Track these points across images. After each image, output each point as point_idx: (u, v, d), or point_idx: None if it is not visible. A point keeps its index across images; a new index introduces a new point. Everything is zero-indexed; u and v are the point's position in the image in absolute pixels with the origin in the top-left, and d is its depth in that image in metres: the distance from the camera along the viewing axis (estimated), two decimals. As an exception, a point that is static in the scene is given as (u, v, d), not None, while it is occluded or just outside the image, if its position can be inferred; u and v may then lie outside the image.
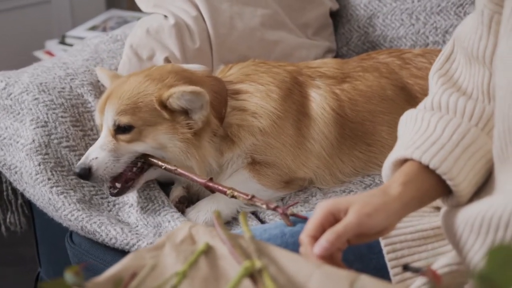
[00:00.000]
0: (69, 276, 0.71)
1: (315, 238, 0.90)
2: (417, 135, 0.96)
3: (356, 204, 0.90)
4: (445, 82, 1.01)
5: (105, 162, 1.40)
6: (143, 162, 1.44)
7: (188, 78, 1.46)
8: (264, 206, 1.27)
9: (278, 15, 1.80)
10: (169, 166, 1.41)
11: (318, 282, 0.75)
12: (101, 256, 1.39)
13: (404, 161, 0.95)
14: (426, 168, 0.92)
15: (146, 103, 1.41)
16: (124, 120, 1.41)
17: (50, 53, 2.70)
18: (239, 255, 0.79)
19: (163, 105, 1.41)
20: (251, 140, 1.46)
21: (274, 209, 1.21)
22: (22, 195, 1.69)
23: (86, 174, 1.39)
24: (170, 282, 0.75)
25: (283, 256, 0.80)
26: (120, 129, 1.41)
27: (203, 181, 1.38)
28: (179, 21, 1.66)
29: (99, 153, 1.40)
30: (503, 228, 0.84)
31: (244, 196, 1.32)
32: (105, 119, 1.43)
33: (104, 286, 0.73)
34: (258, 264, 0.75)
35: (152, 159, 1.43)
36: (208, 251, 0.82)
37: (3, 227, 1.75)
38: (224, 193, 1.37)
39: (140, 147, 1.42)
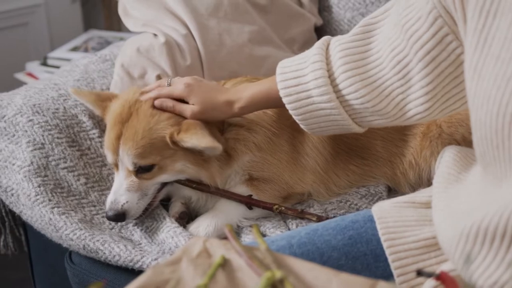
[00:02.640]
0: (94, 292, 0.71)
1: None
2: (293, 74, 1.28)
3: (199, 107, 1.40)
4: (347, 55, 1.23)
5: (136, 203, 1.43)
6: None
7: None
8: (314, 219, 1.41)
9: (265, 31, 1.83)
10: (200, 186, 1.47)
11: (338, 289, 0.77)
12: (102, 275, 1.38)
13: None
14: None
15: (160, 139, 1.41)
16: (145, 162, 1.41)
17: (31, 75, 2.69)
18: (257, 266, 0.80)
19: (175, 142, 1.41)
20: (249, 156, 1.48)
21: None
22: (13, 217, 1.69)
23: (121, 218, 1.42)
24: (193, 295, 0.76)
25: (300, 265, 0.81)
26: (141, 169, 1.42)
27: (243, 198, 1.46)
28: (170, 40, 1.67)
29: (129, 197, 1.42)
30: (500, 237, 0.86)
31: (292, 212, 1.44)
32: (122, 160, 1.42)
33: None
34: (278, 274, 0.76)
35: (181, 180, 1.47)
36: (224, 264, 0.83)
37: (-6, 252, 1.74)
38: (270, 209, 1.45)
39: (162, 179, 1.45)
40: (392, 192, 1.57)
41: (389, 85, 1.17)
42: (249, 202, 1.47)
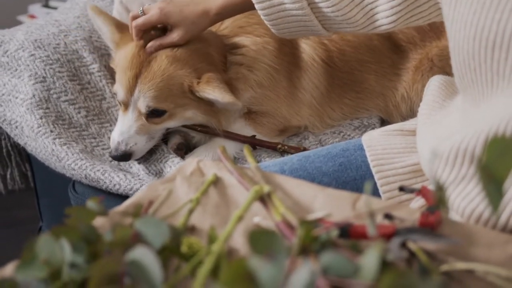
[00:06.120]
0: (92, 204, 0.76)
1: (141, 30, 1.44)
2: None
3: (182, 28, 1.42)
4: None
5: (143, 145, 1.47)
6: None
7: (206, 53, 1.48)
8: None
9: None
10: (205, 129, 1.51)
11: (323, 202, 0.81)
12: (105, 203, 1.41)
13: None
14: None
15: (178, 87, 1.43)
16: (159, 106, 1.44)
17: (34, 17, 2.71)
18: (247, 182, 0.84)
19: (192, 91, 1.44)
20: (250, 93, 1.51)
21: None
22: (19, 152, 1.74)
23: (126, 158, 1.47)
24: (185, 207, 0.80)
25: (287, 182, 0.85)
26: (152, 113, 1.45)
27: (247, 138, 1.49)
28: (167, -25, 1.69)
29: (137, 139, 1.46)
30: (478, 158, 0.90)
31: (295, 150, 1.46)
32: (136, 101, 1.44)
33: (125, 213, 0.78)
34: (266, 188, 0.81)
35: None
36: (216, 181, 0.87)
37: (1, 185, 1.79)
38: (274, 148, 1.49)
39: (170, 124, 1.49)
40: (385, 123, 1.61)
41: None
42: (253, 142, 1.51)
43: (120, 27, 1.51)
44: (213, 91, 1.40)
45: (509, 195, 0.82)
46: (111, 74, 1.62)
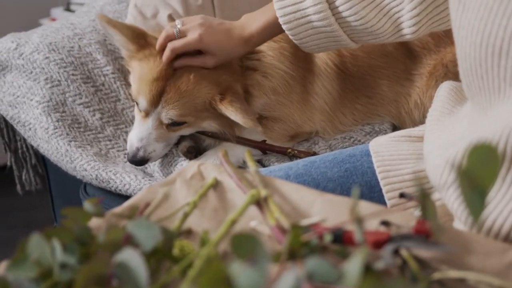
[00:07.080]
0: (88, 205, 0.76)
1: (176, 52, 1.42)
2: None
3: (217, 55, 1.42)
4: None
5: (160, 152, 1.49)
6: None
7: (227, 63, 1.47)
8: None
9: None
10: (216, 134, 1.52)
11: (321, 208, 0.80)
12: (114, 205, 1.43)
13: None
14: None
15: (201, 104, 1.44)
16: (182, 119, 1.45)
17: (55, 20, 2.74)
18: (245, 186, 0.84)
19: (212, 106, 1.44)
20: (264, 100, 1.51)
21: None
22: (36, 154, 1.76)
23: (143, 163, 1.49)
24: (182, 210, 0.80)
25: (286, 186, 0.85)
26: (173, 123, 1.47)
27: (257, 143, 1.49)
28: (181, -21, 1.70)
29: (156, 146, 1.48)
30: None
31: (305, 154, 1.46)
32: (159, 113, 1.45)
33: (121, 215, 0.79)
34: (263, 192, 0.80)
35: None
36: (216, 185, 0.87)
37: (18, 186, 1.81)
38: (284, 152, 1.49)
39: (186, 132, 1.51)
40: (396, 130, 1.59)
41: (386, 4, 1.26)
42: (263, 147, 1.51)
43: (136, 37, 1.47)
44: (235, 114, 1.40)
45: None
46: (124, 77, 1.64)
